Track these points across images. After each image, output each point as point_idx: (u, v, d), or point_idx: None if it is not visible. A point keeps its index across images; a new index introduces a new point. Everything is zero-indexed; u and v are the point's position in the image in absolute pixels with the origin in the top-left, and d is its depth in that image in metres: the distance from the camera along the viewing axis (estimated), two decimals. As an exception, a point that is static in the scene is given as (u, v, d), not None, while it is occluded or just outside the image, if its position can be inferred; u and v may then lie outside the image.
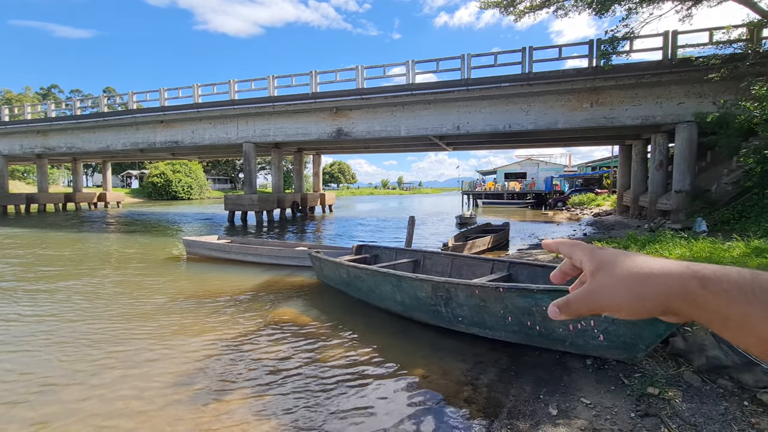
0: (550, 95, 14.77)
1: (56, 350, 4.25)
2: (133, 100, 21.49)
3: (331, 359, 4.03)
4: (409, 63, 15.77)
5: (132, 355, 4.11)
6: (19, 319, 5.30)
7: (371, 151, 27.82)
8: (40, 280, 7.55)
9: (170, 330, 4.85)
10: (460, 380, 3.51)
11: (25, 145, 25.92)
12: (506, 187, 37.47)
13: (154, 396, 3.30)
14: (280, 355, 4.14)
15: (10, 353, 4.19)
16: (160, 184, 51.30)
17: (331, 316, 5.48)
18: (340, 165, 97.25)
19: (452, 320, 4.45)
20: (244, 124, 19.48)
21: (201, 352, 4.18)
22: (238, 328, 4.92)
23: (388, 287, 5.12)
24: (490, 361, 3.87)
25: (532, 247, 11.61)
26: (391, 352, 4.24)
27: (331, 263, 6.35)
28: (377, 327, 5.01)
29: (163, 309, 5.68)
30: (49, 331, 4.85)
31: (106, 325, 5.01)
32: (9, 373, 3.72)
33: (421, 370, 3.75)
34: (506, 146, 24.51)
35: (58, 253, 10.93)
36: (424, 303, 4.68)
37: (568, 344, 3.67)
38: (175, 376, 3.66)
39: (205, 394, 3.32)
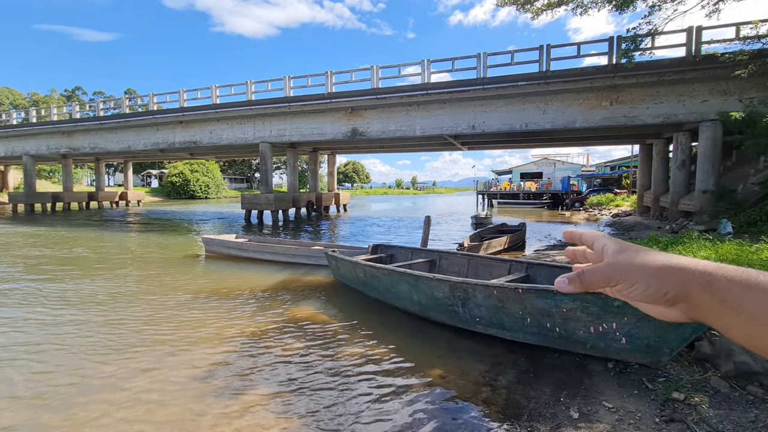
0: (568, 94, 14.53)
1: (83, 347, 4.39)
2: (153, 101, 22.00)
3: (348, 358, 4.06)
4: (424, 62, 15.73)
5: (155, 352, 4.22)
6: (47, 315, 5.50)
7: (386, 151, 27.85)
8: (66, 278, 7.81)
9: (191, 327, 4.96)
10: (478, 381, 3.50)
11: (51, 145, 26.80)
12: (522, 187, 37.01)
13: (177, 391, 3.38)
14: (298, 353, 4.19)
15: (39, 345, 4.36)
16: (179, 183, 52.41)
17: (347, 315, 5.51)
18: (354, 165, 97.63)
19: (470, 321, 4.43)
20: (261, 125, 19.74)
21: (222, 349, 4.26)
22: (257, 325, 5.00)
23: (404, 287, 5.13)
24: (508, 362, 3.85)
25: (550, 247, 11.46)
26: (409, 351, 4.25)
27: (348, 262, 6.40)
28: (394, 326, 5.02)
29: (185, 306, 5.81)
30: (76, 327, 5.02)
31: (129, 322, 5.16)
32: (38, 368, 3.87)
33: (439, 370, 3.75)
34: (522, 146, 24.22)
35: (83, 250, 11.28)
36: (441, 303, 4.67)
37: (588, 347, 3.61)
38: (197, 372, 3.74)
39: (227, 391, 3.39)
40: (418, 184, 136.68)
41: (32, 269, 8.55)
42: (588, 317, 3.55)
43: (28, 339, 4.56)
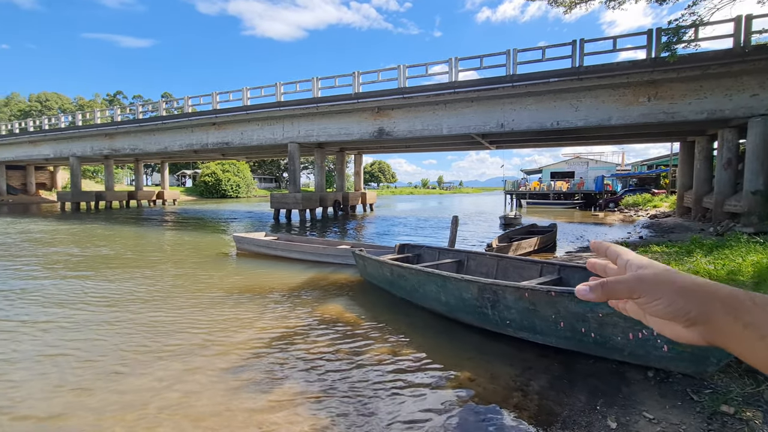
0: (603, 90, 13.98)
1: (120, 339, 4.61)
2: (188, 104, 22.86)
3: (376, 357, 4.07)
4: (452, 60, 15.55)
5: (190, 347, 4.37)
6: (88, 308, 5.81)
7: (412, 151, 27.76)
8: (109, 274, 8.23)
9: (224, 323, 5.11)
10: (509, 385, 3.41)
11: (95, 147, 28.36)
12: (552, 187, 35.93)
13: (210, 385, 3.49)
14: (326, 351, 4.23)
15: (82, 341, 4.61)
16: (211, 183, 54.26)
17: (374, 314, 5.52)
18: (380, 164, 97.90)
19: (499, 323, 4.34)
20: (290, 125, 20.12)
21: (253, 345, 4.36)
22: (286, 323, 5.09)
23: (432, 287, 5.08)
24: (540, 367, 3.74)
25: (582, 249, 11.07)
26: (436, 352, 4.21)
27: (375, 261, 6.41)
28: (421, 327, 4.99)
29: (218, 303, 6.00)
30: (117, 323, 5.27)
31: (166, 318, 5.37)
32: (82, 360, 4.10)
33: (468, 372, 3.69)
34: (552, 144, 23.52)
35: (123, 248, 11.87)
36: (469, 304, 4.59)
37: (626, 354, 3.46)
38: (230, 367, 3.84)
39: (258, 387, 3.46)
40: (444, 183, 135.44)
41: (77, 266, 9.07)
42: (626, 323, 3.39)
43: (73, 335, 4.83)
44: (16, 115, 53.59)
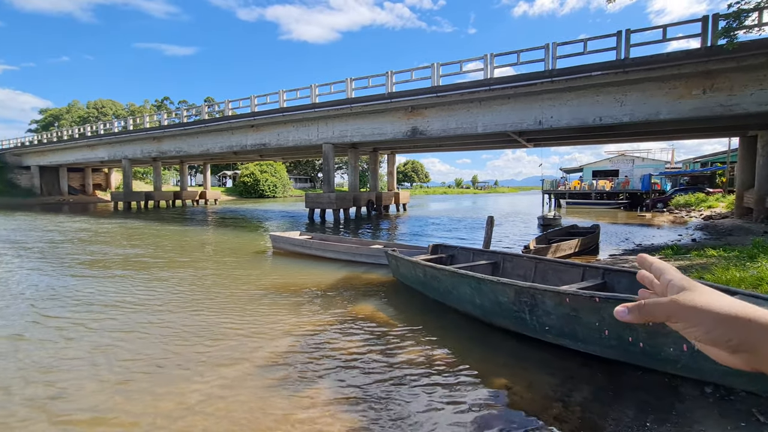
0: (651, 83, 13.13)
1: (163, 336, 4.82)
2: (228, 108, 23.78)
3: (407, 360, 4.01)
4: (487, 57, 15.17)
5: (226, 344, 4.51)
6: (135, 305, 6.15)
7: (445, 150, 27.41)
8: (153, 269, 8.69)
9: (259, 321, 5.23)
10: (548, 395, 3.25)
11: (144, 149, 30.15)
12: (594, 186, 34.27)
13: (243, 382, 3.57)
14: (358, 352, 4.22)
15: (127, 338, 4.87)
16: (250, 183, 56.25)
17: (407, 315, 5.47)
18: (413, 164, 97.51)
19: (538, 329, 4.15)
20: (324, 126, 20.43)
21: (287, 344, 4.44)
22: (320, 322, 5.14)
23: (466, 289, 4.96)
24: (582, 377, 3.54)
25: (628, 252, 10.46)
26: (470, 357, 4.09)
27: (408, 262, 6.35)
28: (454, 330, 4.88)
29: (254, 301, 6.16)
30: (159, 317, 5.54)
31: (205, 314, 5.58)
32: (125, 357, 4.32)
33: (504, 380, 3.55)
34: (594, 141, 22.40)
35: (169, 244, 12.52)
36: (506, 308, 4.43)
37: (680, 367, 3.19)
38: (264, 365, 3.92)
39: (291, 385, 3.51)
40: (478, 183, 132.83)
41: (126, 262, 9.64)
42: (678, 332, 3.13)
43: (118, 326, 5.11)
44: (76, 121, 57.96)
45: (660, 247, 10.37)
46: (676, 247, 9.38)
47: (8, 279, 7.63)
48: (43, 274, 8.11)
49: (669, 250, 8.93)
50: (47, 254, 10.49)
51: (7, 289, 6.82)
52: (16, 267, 8.79)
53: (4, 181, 40.41)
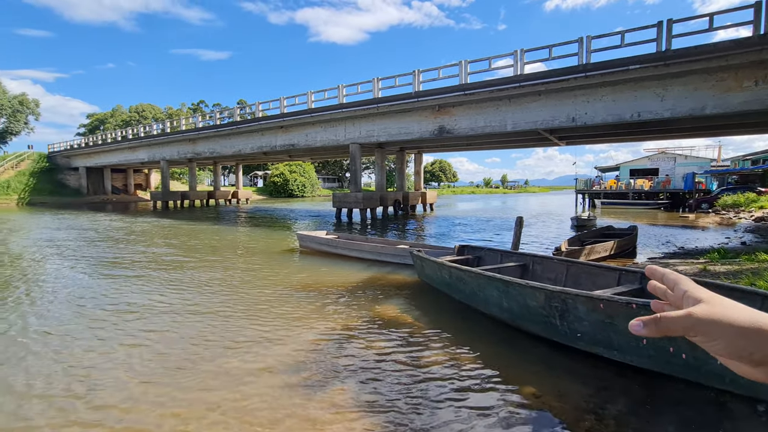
0: (695, 75, 12.35)
1: (191, 334, 4.96)
2: (259, 110, 24.38)
3: (432, 364, 3.92)
4: (517, 53, 14.76)
5: (249, 343, 4.58)
6: (165, 303, 6.37)
7: (473, 149, 26.94)
8: (184, 268, 9.00)
9: (283, 320, 5.29)
10: (579, 406, 3.08)
11: (181, 151, 31.42)
12: (632, 186, 32.69)
13: (265, 382, 3.60)
14: (380, 352, 4.18)
15: (157, 336, 5.04)
16: (280, 183, 57.56)
17: (432, 317, 5.38)
18: (441, 163, 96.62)
19: (569, 336, 3.96)
20: (351, 126, 20.56)
21: (310, 343, 4.45)
22: (344, 321, 5.13)
23: (493, 292, 4.81)
24: (617, 388, 3.33)
25: (668, 255, 9.89)
26: (496, 362, 3.95)
27: (433, 263, 6.24)
28: (481, 333, 4.74)
29: (280, 299, 6.25)
30: (188, 315, 5.71)
31: (231, 312, 5.70)
32: (153, 355, 4.47)
33: (532, 388, 3.40)
34: (631, 138, 21.34)
35: (201, 243, 12.96)
36: (535, 313, 4.26)
37: (728, 381, 2.95)
38: (287, 363, 3.95)
39: (313, 385, 3.50)
40: (508, 182, 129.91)
41: (161, 260, 10.05)
42: (728, 345, 2.89)
43: (149, 326, 5.31)
44: (120, 124, 61.24)
45: (704, 251, 9.74)
46: (723, 250, 8.76)
47: (52, 276, 8.12)
48: (80, 272, 8.58)
49: (715, 254, 8.35)
50: (88, 252, 11.10)
51: (49, 286, 7.26)
52: (58, 265, 9.35)
53: (54, 181, 43.27)
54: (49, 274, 8.12)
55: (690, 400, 3.06)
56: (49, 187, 41.90)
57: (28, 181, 41.21)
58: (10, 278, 7.77)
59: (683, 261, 8.40)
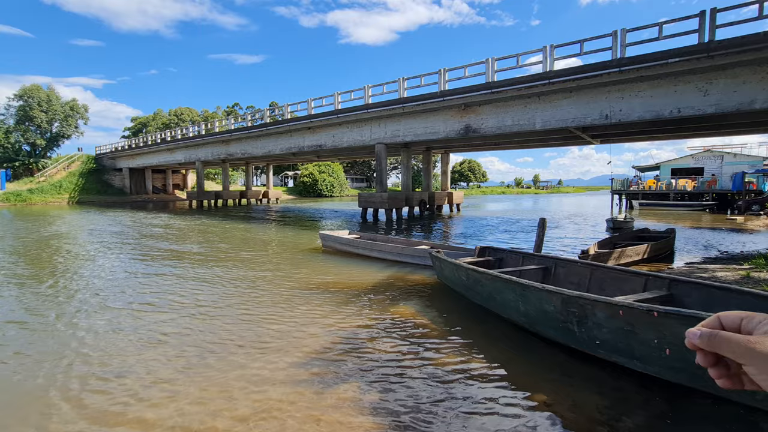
0: (743, 67, 11.50)
1: (207, 327, 5.13)
2: (287, 111, 24.93)
3: (443, 366, 3.86)
4: (546, 48, 14.30)
5: (265, 338, 4.68)
6: (185, 298, 6.62)
7: (502, 148, 26.34)
8: (210, 264, 9.33)
9: (301, 317, 5.37)
10: (593, 417, 2.94)
11: (215, 152, 32.64)
12: (673, 186, 30.90)
13: (277, 375, 3.66)
14: (394, 353, 4.16)
15: (174, 332, 5.24)
16: (309, 183, 58.62)
17: (448, 319, 5.30)
18: (470, 163, 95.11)
19: (588, 343, 3.79)
20: (377, 126, 20.62)
21: (326, 341, 4.50)
22: (360, 321, 5.15)
23: (510, 295, 4.67)
24: (637, 400, 3.15)
25: (709, 260, 9.27)
26: (511, 367, 3.84)
27: (451, 264, 6.15)
28: (496, 337, 4.62)
29: (300, 296, 6.35)
30: (211, 309, 5.91)
31: (253, 308, 5.86)
32: (174, 348, 4.65)
33: (545, 396, 3.28)
34: (672, 136, 20.18)
35: (229, 240, 13.41)
36: (552, 318, 4.10)
37: (759, 399, 2.72)
38: (300, 359, 4.00)
39: (323, 381, 3.53)
40: (540, 182, 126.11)
41: (186, 256, 10.46)
42: (760, 359, 2.67)
43: (169, 324, 5.52)
44: (160, 127, 64.38)
45: (750, 256, 9.06)
46: (772, 256, 8.11)
47: (91, 269, 8.65)
48: (113, 265, 9.09)
49: (761, 260, 7.76)
50: (127, 247, 11.74)
51: (85, 281, 7.73)
52: (101, 256, 9.94)
53: (101, 181, 46.10)
54: (91, 267, 8.65)
55: (716, 417, 2.86)
56: (96, 187, 44.69)
57: (77, 181, 44.12)
58: (79, 274, 8.34)
59: (725, 267, 7.85)
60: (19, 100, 46.40)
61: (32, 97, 46.15)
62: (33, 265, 9.14)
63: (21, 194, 38.64)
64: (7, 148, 45.63)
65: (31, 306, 5.94)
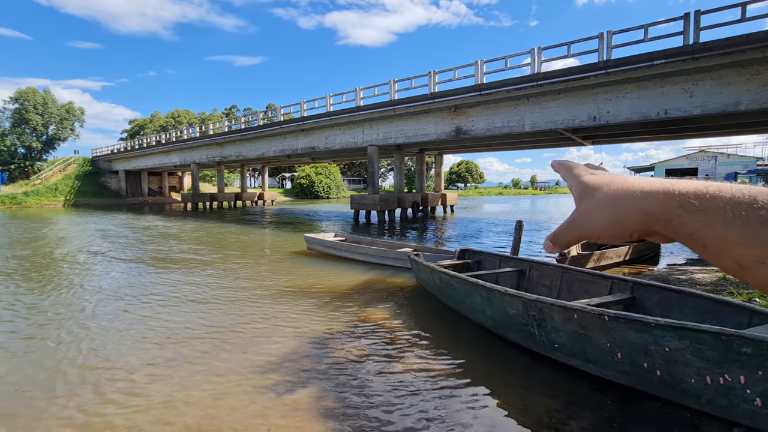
0: (728, 69, 11.55)
1: (179, 327, 5.14)
2: (281, 113, 24.95)
3: (406, 368, 3.87)
4: (534, 51, 14.34)
5: (233, 340, 4.68)
6: (160, 299, 6.62)
7: (494, 149, 26.39)
8: (195, 266, 9.33)
9: (272, 318, 5.38)
10: (540, 420, 2.95)
11: (209, 154, 32.63)
12: (667, 186, 30.87)
13: (239, 378, 3.67)
14: (360, 355, 4.17)
15: (145, 330, 5.25)
16: (305, 184, 58.61)
17: (420, 321, 5.31)
18: (467, 164, 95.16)
19: (547, 346, 3.80)
20: (369, 128, 20.64)
21: (292, 344, 4.50)
22: (329, 325, 5.15)
23: (477, 299, 4.69)
24: (588, 403, 3.16)
25: (692, 261, 9.29)
26: (472, 371, 3.85)
27: (426, 267, 6.17)
28: (464, 341, 4.63)
29: (273, 299, 6.35)
30: (188, 306, 5.92)
31: (224, 311, 5.86)
32: (136, 353, 4.65)
33: (499, 399, 3.29)
34: (663, 137, 20.23)
35: (219, 243, 13.40)
36: (515, 321, 4.12)
37: (703, 402, 2.74)
38: (264, 363, 4.01)
39: (284, 386, 3.53)
40: (538, 183, 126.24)
41: (168, 258, 10.46)
42: (702, 363, 2.69)
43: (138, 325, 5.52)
44: (157, 129, 64.35)
45: (733, 257, 9.06)
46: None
47: (87, 270, 8.65)
48: (105, 268, 9.09)
49: (741, 261, 7.76)
50: (114, 251, 11.74)
51: (79, 281, 7.73)
52: (94, 261, 9.94)
53: (97, 184, 46.06)
54: (85, 270, 8.65)
55: (663, 420, 2.87)
56: (92, 189, 44.65)
57: (73, 183, 44.08)
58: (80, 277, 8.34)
59: (704, 268, 7.86)
60: (15, 103, 46.41)
61: (28, 100, 46.17)
62: (23, 268, 9.14)
63: (16, 197, 38.59)
64: (3, 151, 45.63)
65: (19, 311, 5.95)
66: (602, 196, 0.39)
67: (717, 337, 2.59)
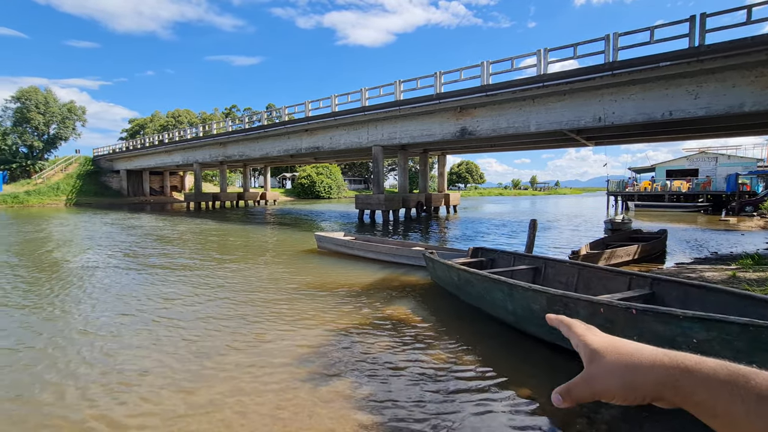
0: (732, 71, 11.69)
1: (201, 327, 5.25)
2: (285, 113, 25.05)
3: (432, 363, 3.99)
4: (540, 52, 14.48)
5: (256, 338, 4.79)
6: (180, 298, 6.72)
7: (497, 150, 26.53)
8: (209, 265, 9.43)
9: (294, 316, 5.49)
10: (573, 410, 3.07)
11: (212, 154, 32.70)
12: (668, 187, 31.16)
13: (269, 374, 3.78)
14: (385, 351, 4.28)
15: (169, 330, 5.35)
16: (307, 184, 58.71)
17: (440, 318, 5.42)
18: (468, 165, 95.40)
19: (571, 340, 3.91)
20: (374, 129, 20.76)
21: (318, 340, 4.61)
22: (353, 321, 5.26)
23: (498, 295, 4.81)
24: (615, 394, 3.28)
25: (699, 261, 9.44)
26: (498, 364, 3.97)
27: (443, 265, 6.28)
28: (486, 335, 4.75)
29: (291, 296, 6.46)
30: (209, 307, 6.02)
31: (243, 309, 5.96)
32: (160, 351, 4.76)
33: (528, 390, 3.41)
34: (665, 138, 20.37)
35: (227, 242, 13.50)
36: (538, 316, 4.24)
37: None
38: (292, 358, 4.12)
39: (315, 380, 3.65)
40: (537, 184, 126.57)
41: (186, 259, 10.55)
42: (730, 353, 2.81)
43: (153, 328, 5.63)
44: (158, 129, 64.39)
45: (739, 256, 9.22)
46: (758, 256, 8.27)
47: (89, 271, 8.74)
48: (106, 271, 9.18)
49: (748, 260, 7.91)
50: (114, 253, 11.83)
51: (80, 283, 7.83)
52: (93, 260, 10.03)
53: (98, 183, 46.08)
54: (88, 271, 8.74)
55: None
56: (93, 189, 44.66)
57: (75, 183, 44.07)
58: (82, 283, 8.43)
59: (713, 267, 8.00)
60: (17, 102, 46.40)
61: (30, 99, 46.18)
62: (24, 268, 9.22)
63: (18, 196, 38.59)
64: (4, 150, 45.62)
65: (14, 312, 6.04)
66: (613, 361, 0.43)
67: (745, 328, 2.71)
